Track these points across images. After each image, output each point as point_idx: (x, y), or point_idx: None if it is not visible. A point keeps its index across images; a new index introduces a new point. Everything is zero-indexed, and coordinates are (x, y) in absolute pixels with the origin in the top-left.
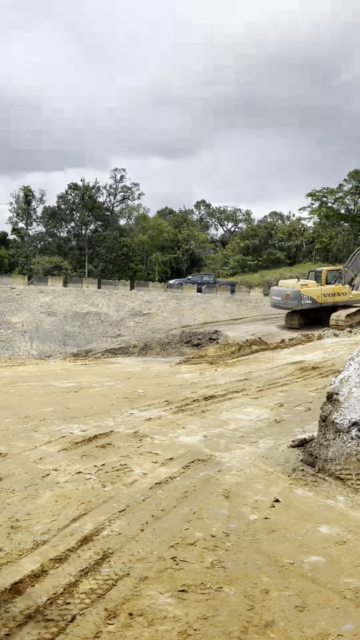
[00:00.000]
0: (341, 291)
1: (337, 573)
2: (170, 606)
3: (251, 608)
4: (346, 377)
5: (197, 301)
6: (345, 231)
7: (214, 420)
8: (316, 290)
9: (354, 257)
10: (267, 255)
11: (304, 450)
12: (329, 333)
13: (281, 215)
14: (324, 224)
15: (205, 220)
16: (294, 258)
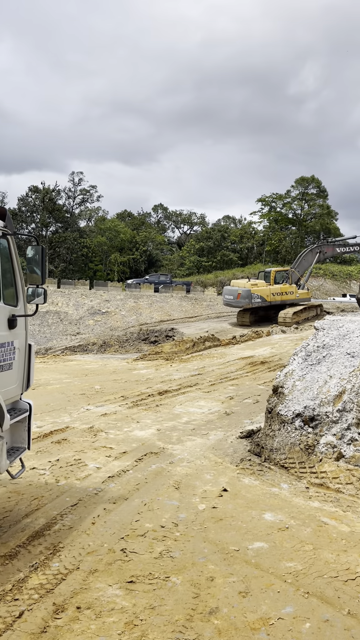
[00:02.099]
0: (288, 290)
1: (279, 558)
2: (118, 598)
3: (197, 596)
4: (290, 371)
5: (154, 300)
6: (293, 234)
7: (167, 414)
8: (265, 290)
9: (300, 259)
10: (220, 257)
11: (252, 440)
12: (277, 329)
13: (234, 219)
14: (273, 228)
15: (162, 223)
16: (245, 259)
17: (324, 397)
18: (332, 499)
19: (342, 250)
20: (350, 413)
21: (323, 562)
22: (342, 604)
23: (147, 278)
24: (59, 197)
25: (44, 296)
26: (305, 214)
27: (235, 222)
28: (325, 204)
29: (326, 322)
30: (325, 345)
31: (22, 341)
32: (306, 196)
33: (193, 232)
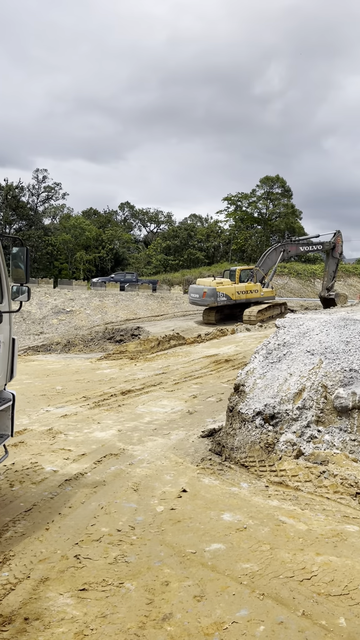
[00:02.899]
0: (253, 289)
1: (235, 559)
2: (69, 607)
3: (150, 602)
4: (251, 369)
5: (119, 299)
6: (259, 233)
7: (129, 414)
8: (231, 288)
9: (265, 257)
10: (187, 255)
11: (213, 440)
12: (241, 328)
13: (200, 218)
14: (239, 227)
15: (129, 221)
16: (212, 258)
17: (284, 395)
18: (291, 497)
19: (305, 249)
20: (309, 410)
21: (279, 562)
22: (297, 605)
23: (112, 276)
24: (23, 194)
25: (28, 294)
26: (271, 213)
27: (201, 221)
28: (289, 204)
29: (287, 321)
30: (286, 343)
31: (7, 335)
32: (271, 195)
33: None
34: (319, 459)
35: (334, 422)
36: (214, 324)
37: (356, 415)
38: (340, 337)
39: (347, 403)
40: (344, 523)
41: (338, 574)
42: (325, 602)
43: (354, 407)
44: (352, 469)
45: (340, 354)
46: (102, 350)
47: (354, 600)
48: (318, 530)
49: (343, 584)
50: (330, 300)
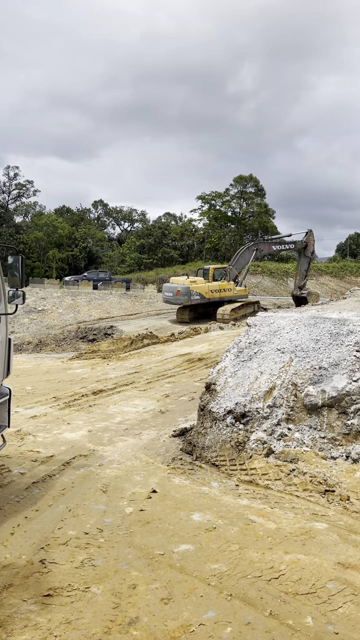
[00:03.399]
0: (227, 287)
1: (204, 560)
2: (32, 613)
3: (117, 606)
4: (223, 368)
5: (92, 297)
6: (232, 232)
7: (100, 415)
8: (204, 287)
9: (238, 256)
10: (161, 254)
11: (184, 439)
12: (215, 326)
13: (174, 216)
14: (213, 225)
15: (102, 219)
16: (186, 256)
17: (255, 393)
18: (261, 496)
19: (278, 248)
20: (280, 408)
21: (248, 562)
22: (264, 605)
23: (85, 275)
24: None
25: (23, 298)
26: (244, 212)
27: (176, 220)
28: (263, 203)
29: (258, 319)
30: (257, 342)
31: (4, 335)
32: (244, 195)
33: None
34: (289, 457)
35: (304, 420)
36: (187, 323)
37: (326, 412)
38: (310, 336)
39: (317, 401)
40: (312, 521)
41: (306, 573)
42: (293, 601)
43: (324, 404)
44: (321, 466)
45: (310, 352)
46: (74, 350)
47: (320, 599)
48: (287, 529)
49: (310, 583)
50: (303, 298)
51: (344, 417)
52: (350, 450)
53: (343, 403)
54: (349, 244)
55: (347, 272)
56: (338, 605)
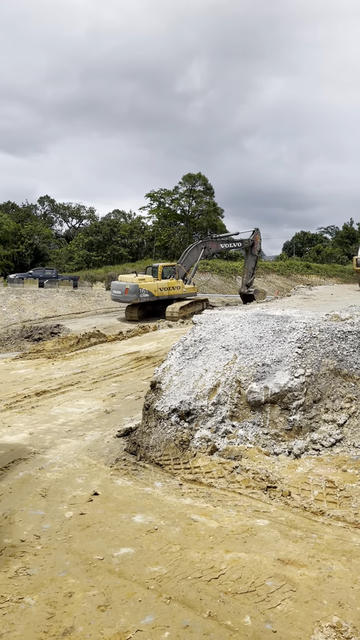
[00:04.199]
0: (175, 285)
1: (144, 563)
2: None
3: (51, 616)
4: (168, 366)
5: (38, 295)
6: (182, 230)
7: (43, 416)
8: (153, 285)
9: (186, 254)
10: (110, 251)
11: (129, 439)
12: (163, 324)
13: (123, 214)
14: (163, 223)
15: (49, 215)
16: (136, 254)
17: (200, 391)
18: (204, 495)
19: (226, 246)
20: (224, 406)
21: (189, 563)
22: (203, 607)
23: (31, 272)
24: None
25: None
26: (193, 211)
27: (125, 217)
28: (211, 201)
29: (203, 317)
30: (202, 339)
31: None
32: (193, 193)
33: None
34: (232, 454)
35: (248, 416)
36: (136, 321)
37: (269, 409)
38: (254, 333)
39: (260, 397)
40: (254, 518)
41: (246, 571)
42: (232, 601)
43: (267, 401)
44: (264, 462)
45: (254, 349)
46: (18, 350)
47: (259, 597)
48: (229, 527)
49: (250, 581)
50: (250, 296)
51: (287, 413)
52: (293, 446)
53: (285, 399)
54: (295, 243)
55: (294, 270)
56: (277, 602)
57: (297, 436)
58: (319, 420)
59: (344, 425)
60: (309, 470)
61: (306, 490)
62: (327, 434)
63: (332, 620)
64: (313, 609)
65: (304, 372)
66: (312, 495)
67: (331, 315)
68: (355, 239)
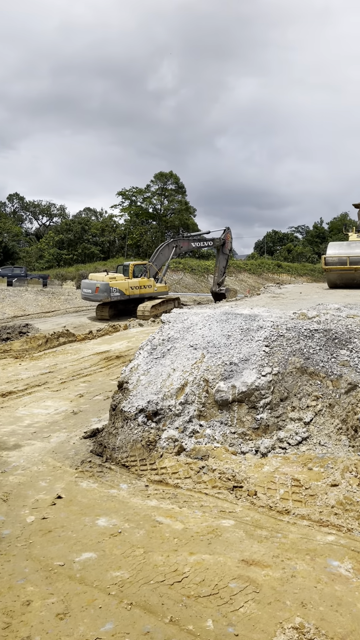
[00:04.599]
0: (147, 284)
1: (106, 568)
2: None
3: (7, 626)
4: (135, 366)
5: (7, 294)
6: (154, 229)
7: (7, 418)
8: (124, 283)
9: (157, 253)
10: (82, 250)
11: (95, 440)
12: (134, 323)
13: (95, 212)
14: (134, 222)
15: (19, 213)
16: (108, 253)
17: (168, 390)
18: (170, 496)
19: (197, 245)
20: (192, 405)
21: (152, 567)
22: (165, 611)
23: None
24: None
25: None
26: (165, 209)
27: (96, 215)
28: (183, 200)
29: (172, 315)
30: (170, 338)
31: None
32: (165, 191)
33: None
34: (199, 454)
35: (215, 415)
36: (107, 320)
37: (236, 408)
38: (222, 331)
39: (228, 396)
40: (220, 518)
41: (209, 573)
42: (194, 604)
43: (234, 400)
44: (231, 462)
45: (222, 347)
46: None
47: (222, 600)
48: (194, 528)
49: (213, 583)
50: (221, 294)
51: (254, 411)
52: (260, 445)
53: (253, 398)
54: (266, 242)
55: (265, 269)
56: (239, 605)
57: (264, 435)
58: (286, 418)
59: (310, 423)
60: (275, 469)
61: (272, 490)
62: (294, 432)
63: (294, 622)
64: (276, 610)
65: (271, 371)
66: (278, 494)
67: (298, 314)
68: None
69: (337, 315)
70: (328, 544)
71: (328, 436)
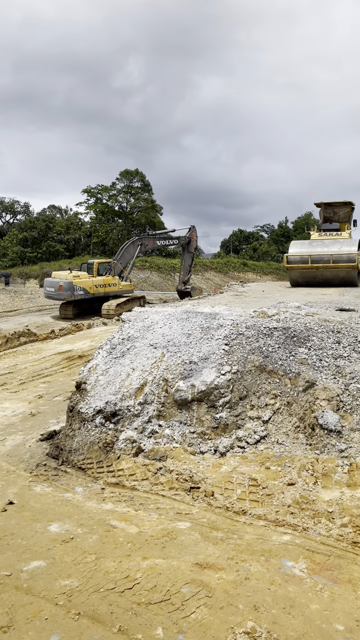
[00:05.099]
0: (111, 282)
1: (55, 577)
2: None
3: None
4: (94, 366)
5: None
6: (120, 227)
7: None
8: (88, 282)
9: (122, 251)
10: (46, 248)
11: (52, 443)
12: (98, 322)
13: (60, 209)
14: (100, 219)
15: None
16: (73, 251)
17: (126, 390)
18: (126, 498)
19: (163, 243)
20: (151, 405)
21: (103, 574)
22: (114, 620)
23: None
24: None
25: None
26: (132, 207)
27: (61, 213)
28: (150, 198)
29: (132, 314)
30: (130, 337)
31: None
32: (131, 189)
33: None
34: (158, 455)
35: (175, 415)
36: (71, 319)
37: (195, 407)
38: (182, 330)
39: (187, 395)
40: (176, 521)
41: (162, 578)
42: (145, 612)
43: (194, 399)
44: (189, 462)
45: (182, 346)
46: None
47: (174, 606)
48: (149, 532)
49: (165, 589)
50: (187, 293)
51: (213, 410)
52: (218, 444)
53: (212, 397)
54: (232, 241)
55: (231, 267)
56: (191, 610)
57: (224, 434)
58: (245, 417)
59: (269, 422)
60: (233, 469)
61: (229, 490)
62: (252, 431)
63: (246, 626)
64: (228, 614)
65: (230, 369)
66: (235, 494)
67: (259, 312)
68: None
69: (297, 314)
70: (283, 544)
71: (286, 434)
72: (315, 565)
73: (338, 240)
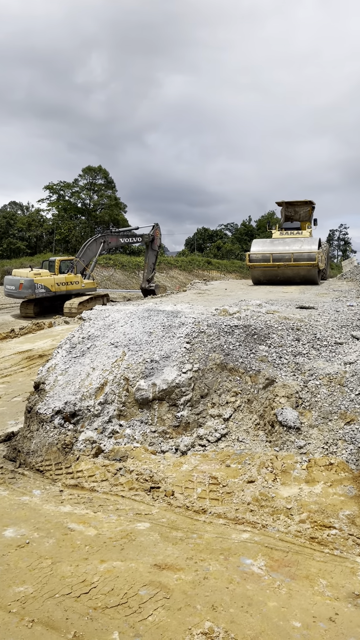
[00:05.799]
0: (74, 280)
1: (9, 583)
2: None
3: None
4: (53, 365)
5: None
6: (83, 224)
7: None
8: (50, 280)
9: (85, 249)
10: (7, 245)
11: (9, 445)
12: (60, 320)
13: (21, 206)
14: (63, 216)
15: None
16: (35, 248)
17: (86, 390)
18: (85, 500)
19: (126, 241)
20: (112, 405)
21: (59, 578)
22: (69, 627)
23: None
24: None
25: None
26: (95, 204)
27: (22, 209)
28: (113, 195)
29: (93, 313)
30: (91, 336)
31: None
32: (94, 186)
33: None
34: (118, 455)
35: (136, 414)
36: (33, 317)
37: (157, 406)
38: (144, 329)
39: (148, 394)
40: (135, 521)
41: (119, 581)
42: (101, 617)
43: (155, 398)
44: (149, 462)
45: (143, 345)
46: None
47: (131, 609)
48: (107, 534)
49: (122, 592)
50: (151, 291)
51: (175, 409)
52: (179, 443)
53: (173, 395)
54: (196, 239)
55: (195, 265)
56: (148, 613)
57: (185, 433)
58: (206, 415)
59: (230, 419)
60: (193, 467)
61: (189, 489)
62: (213, 429)
63: (204, 627)
64: (185, 615)
65: (191, 368)
66: (195, 493)
67: (220, 310)
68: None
69: (258, 312)
70: (242, 542)
71: (246, 432)
72: (273, 562)
73: (299, 238)
